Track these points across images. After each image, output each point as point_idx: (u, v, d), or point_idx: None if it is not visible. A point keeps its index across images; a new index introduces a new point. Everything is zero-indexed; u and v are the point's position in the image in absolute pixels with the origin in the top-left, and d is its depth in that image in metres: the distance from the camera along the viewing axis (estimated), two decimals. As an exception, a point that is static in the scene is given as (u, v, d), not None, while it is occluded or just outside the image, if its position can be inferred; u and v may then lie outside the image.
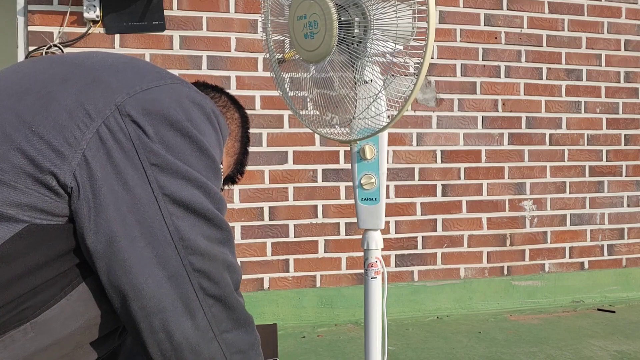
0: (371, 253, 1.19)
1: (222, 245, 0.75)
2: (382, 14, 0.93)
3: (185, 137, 0.72)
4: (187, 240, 0.70)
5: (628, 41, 2.79)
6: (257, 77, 2.35)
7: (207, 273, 0.72)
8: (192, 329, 0.71)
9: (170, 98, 0.73)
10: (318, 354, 2.08)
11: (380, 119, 1.02)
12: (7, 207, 0.63)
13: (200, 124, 0.75)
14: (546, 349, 2.13)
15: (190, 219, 0.71)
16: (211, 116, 0.78)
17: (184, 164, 0.71)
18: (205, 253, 0.72)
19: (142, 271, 0.67)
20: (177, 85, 0.77)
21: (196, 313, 0.72)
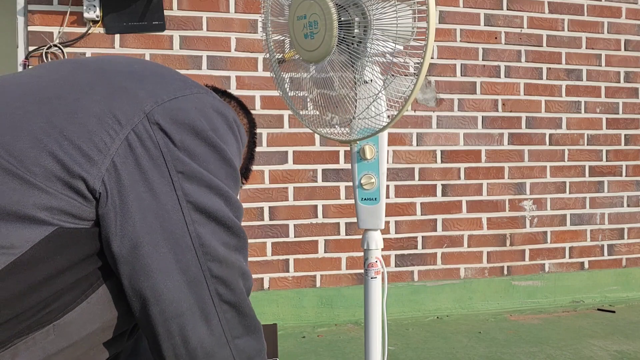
0: (371, 253, 1.19)
1: (238, 252, 0.77)
2: (382, 14, 0.93)
3: (209, 146, 0.74)
4: (207, 246, 0.72)
5: (628, 41, 2.79)
6: (257, 77, 2.35)
7: (224, 279, 0.74)
8: (207, 334, 0.73)
9: (196, 108, 0.75)
10: (318, 354, 2.08)
11: (380, 119, 1.02)
12: (38, 210, 0.64)
13: (224, 134, 0.77)
14: (546, 349, 2.13)
15: (211, 226, 0.73)
16: (233, 125, 0.80)
17: (207, 172, 0.73)
18: (223, 260, 0.74)
19: (164, 276, 0.69)
20: (202, 95, 0.78)
21: (211, 318, 0.74)
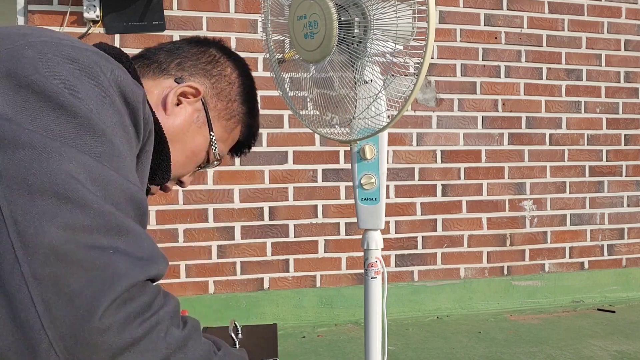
0: (371, 253, 1.19)
1: (102, 235, 0.52)
2: (382, 14, 0.94)
3: (33, 93, 0.54)
4: (26, 234, 0.50)
5: (628, 41, 2.79)
6: (257, 77, 2.33)
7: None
8: None
9: (34, 55, 0.58)
10: (318, 354, 2.08)
11: (380, 119, 1.02)
12: None
13: (68, 77, 0.58)
14: (546, 349, 2.13)
15: (36, 202, 0.50)
16: (92, 69, 0.60)
17: (24, 127, 0.52)
18: (61, 253, 0.50)
19: None
20: (57, 44, 0.60)
21: None
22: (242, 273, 2.35)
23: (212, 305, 2.31)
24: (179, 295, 2.29)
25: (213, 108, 0.83)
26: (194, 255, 2.30)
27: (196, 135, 0.81)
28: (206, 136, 0.82)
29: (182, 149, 0.80)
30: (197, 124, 0.81)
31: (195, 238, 2.30)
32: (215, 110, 0.83)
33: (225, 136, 0.87)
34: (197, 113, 0.81)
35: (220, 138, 0.85)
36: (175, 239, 2.28)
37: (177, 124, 0.79)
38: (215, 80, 0.84)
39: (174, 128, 0.78)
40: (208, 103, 0.82)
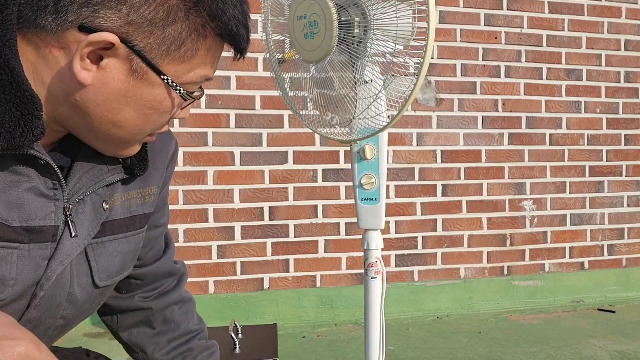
0: (371, 253, 1.19)
1: None
2: (382, 14, 0.94)
3: None
4: None
5: (628, 41, 2.79)
6: (257, 77, 2.35)
7: None
8: None
9: None
10: (318, 354, 2.08)
11: (380, 119, 1.02)
12: None
13: None
14: (546, 349, 2.13)
15: None
16: None
17: None
18: None
19: None
20: None
21: None
22: (242, 273, 2.35)
23: (212, 305, 2.31)
24: (179, 295, 2.29)
25: (148, 46, 0.58)
26: (194, 255, 2.30)
27: (143, 89, 0.60)
28: (157, 82, 0.60)
29: (133, 111, 0.62)
30: (137, 75, 0.59)
31: (195, 238, 2.30)
32: (152, 47, 0.58)
33: (186, 67, 0.62)
34: (129, 62, 0.58)
35: (179, 73, 0.61)
36: (175, 239, 2.28)
37: (109, 91, 0.59)
38: (132, 3, 0.56)
39: (106, 97, 0.59)
40: (136, 43, 0.57)
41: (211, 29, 0.60)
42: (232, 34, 0.62)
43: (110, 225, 0.72)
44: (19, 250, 0.61)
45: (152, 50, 0.58)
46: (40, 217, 0.62)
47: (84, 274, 0.70)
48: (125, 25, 0.56)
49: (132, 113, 0.62)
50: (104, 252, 0.71)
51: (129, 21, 0.56)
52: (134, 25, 0.56)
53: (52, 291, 0.66)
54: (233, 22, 0.61)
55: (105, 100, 0.59)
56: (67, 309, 0.70)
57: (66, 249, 0.65)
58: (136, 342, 0.92)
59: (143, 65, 0.58)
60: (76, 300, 0.70)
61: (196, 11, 0.59)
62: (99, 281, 0.71)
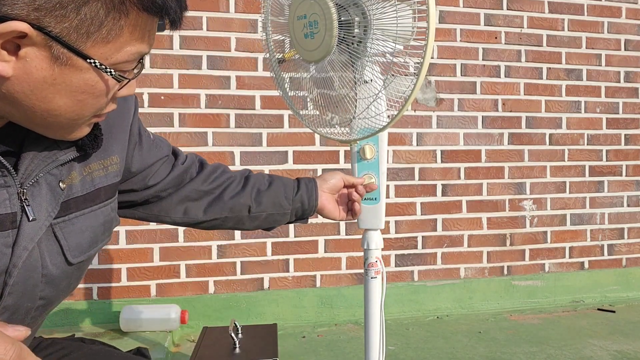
0: (371, 253, 1.19)
1: None
2: (382, 13, 0.94)
3: None
4: None
5: (628, 41, 2.79)
6: (257, 77, 2.35)
7: None
8: None
9: None
10: (318, 354, 2.08)
11: (380, 119, 1.02)
12: None
13: None
14: (546, 349, 2.13)
15: None
16: None
17: None
18: None
19: None
20: None
21: None
22: (242, 273, 2.35)
23: (212, 305, 2.31)
24: (178, 295, 2.29)
25: (64, 30, 0.53)
26: (194, 255, 2.30)
27: (71, 75, 0.57)
28: (85, 66, 0.56)
29: (66, 98, 0.58)
30: (61, 61, 0.55)
31: (195, 238, 2.30)
32: (70, 31, 0.54)
33: (114, 47, 0.57)
34: (49, 49, 0.54)
35: (108, 54, 0.57)
36: (175, 238, 2.28)
37: (34, 80, 0.55)
38: None
39: (33, 86, 0.56)
40: (50, 28, 0.53)
41: (132, 4, 0.55)
42: (157, 6, 0.57)
43: (74, 202, 0.72)
44: None
45: (70, 34, 0.53)
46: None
47: (55, 253, 0.70)
48: (34, 12, 0.51)
49: (65, 100, 0.58)
50: (72, 230, 0.71)
51: (36, 7, 0.51)
52: (43, 10, 0.51)
53: (23, 276, 0.66)
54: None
55: (33, 90, 0.56)
56: (45, 289, 0.70)
57: (27, 233, 0.65)
58: (217, 213, 1.00)
59: (65, 50, 0.54)
60: (53, 279, 0.70)
61: None
62: (71, 258, 0.72)
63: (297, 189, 1.07)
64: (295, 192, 1.07)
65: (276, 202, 1.05)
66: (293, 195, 1.06)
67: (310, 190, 1.07)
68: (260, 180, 1.05)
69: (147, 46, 0.61)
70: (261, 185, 1.04)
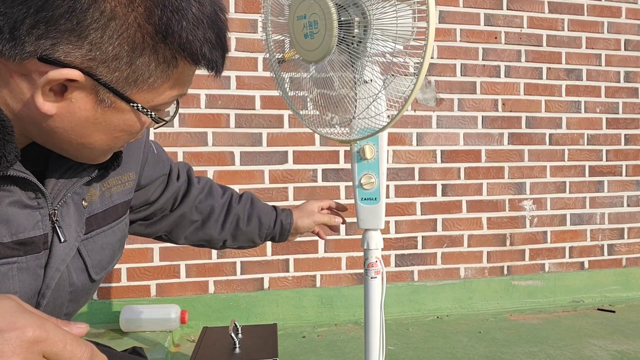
0: (371, 253, 1.19)
1: None
2: (382, 13, 0.94)
3: None
4: None
5: (628, 41, 2.79)
6: (257, 77, 2.35)
7: None
8: None
9: None
10: (318, 354, 2.08)
11: (380, 119, 1.02)
12: None
13: None
14: (546, 348, 2.13)
15: None
16: None
17: None
18: None
19: None
20: None
21: None
22: (242, 273, 2.35)
23: (212, 305, 2.31)
24: (178, 295, 2.29)
25: (114, 79, 0.55)
26: (194, 255, 2.30)
27: (112, 116, 0.59)
28: (127, 109, 0.59)
29: (103, 135, 0.61)
30: (105, 104, 0.57)
31: (195, 238, 2.30)
32: (119, 80, 0.56)
33: (157, 92, 0.59)
34: (95, 93, 0.56)
35: (150, 98, 0.59)
36: (175, 239, 2.28)
37: (76, 119, 0.57)
38: (92, 40, 0.52)
39: (74, 124, 0.58)
40: (102, 77, 0.54)
41: (182, 57, 0.58)
42: (206, 60, 0.59)
43: (94, 219, 0.73)
44: (18, 264, 0.61)
45: (119, 82, 0.56)
46: (29, 228, 0.62)
47: (80, 271, 0.71)
48: (89, 61, 0.53)
49: (102, 136, 0.61)
50: (94, 247, 0.73)
51: (91, 57, 0.53)
52: (97, 60, 0.53)
53: (54, 295, 0.67)
54: (206, 47, 0.58)
55: (74, 127, 0.58)
56: (69, 306, 0.72)
57: (59, 255, 0.66)
58: (195, 240, 1.09)
59: (111, 95, 0.56)
60: (76, 296, 0.72)
61: (165, 44, 0.55)
62: (94, 275, 0.73)
63: (273, 226, 1.17)
64: (270, 229, 1.17)
65: (250, 238, 1.15)
66: (267, 232, 1.17)
67: (284, 228, 1.19)
68: (241, 214, 1.13)
69: (186, 90, 0.64)
70: (240, 221, 1.12)
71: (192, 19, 0.56)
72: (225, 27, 0.62)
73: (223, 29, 0.61)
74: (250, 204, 1.15)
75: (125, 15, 0.52)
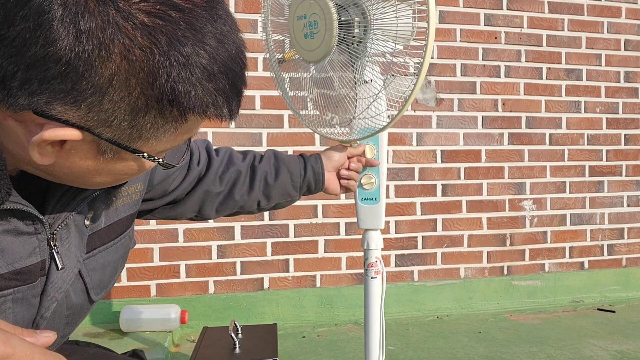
0: (371, 253, 1.19)
1: None
2: (382, 13, 0.94)
3: None
4: None
5: (628, 41, 2.79)
6: (257, 77, 2.35)
7: None
8: None
9: None
10: (318, 354, 2.08)
11: (380, 119, 1.02)
12: None
13: None
14: (546, 348, 2.13)
15: None
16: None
17: None
18: None
19: None
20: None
21: None
22: (242, 273, 2.35)
23: (212, 305, 2.31)
24: (178, 295, 2.29)
25: (116, 135, 0.51)
26: (194, 255, 2.30)
27: (115, 164, 0.55)
28: (132, 157, 0.55)
29: (106, 178, 0.58)
30: (107, 155, 0.53)
31: (195, 238, 2.30)
32: (122, 135, 0.51)
33: (164, 142, 0.54)
34: (96, 145, 0.52)
35: (156, 147, 0.54)
36: (175, 238, 2.28)
37: (77, 167, 0.54)
38: (90, 104, 0.48)
39: (74, 171, 0.54)
40: (103, 134, 0.50)
41: (192, 115, 0.51)
42: (218, 113, 0.53)
43: (97, 236, 0.69)
44: (13, 295, 0.58)
45: (122, 138, 0.51)
46: (25, 256, 0.58)
47: (80, 292, 0.67)
48: (87, 121, 0.48)
49: (105, 179, 0.57)
50: (95, 266, 0.69)
51: (89, 119, 0.48)
52: (97, 121, 0.49)
53: (49, 324, 0.63)
54: (220, 100, 0.52)
55: (75, 173, 0.54)
56: (65, 329, 0.68)
57: (56, 283, 0.62)
58: (228, 210, 1.03)
59: (113, 147, 0.52)
60: (73, 319, 0.69)
61: (172, 106, 0.49)
62: (94, 296, 0.70)
63: (304, 172, 1.08)
64: (303, 176, 1.08)
65: (285, 192, 1.07)
66: (300, 180, 1.08)
67: (317, 171, 1.09)
68: (268, 169, 1.05)
69: (195, 133, 0.59)
70: (268, 176, 1.05)
71: (201, 73, 0.49)
72: (243, 68, 0.54)
73: (239, 74, 0.54)
74: (275, 158, 1.07)
75: (127, 80, 0.47)
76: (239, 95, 0.55)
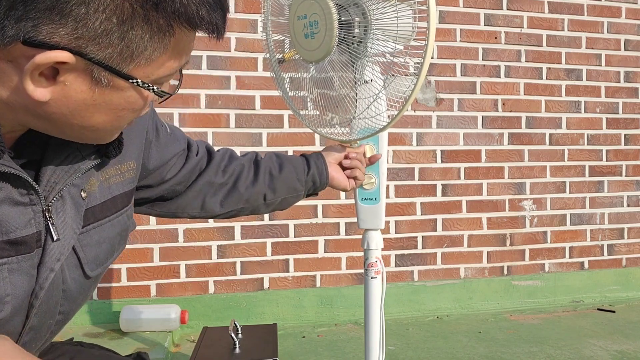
0: (371, 253, 1.19)
1: None
2: (382, 14, 0.94)
3: None
4: None
5: (628, 41, 2.79)
6: (257, 77, 2.35)
7: None
8: None
9: None
10: (318, 354, 2.08)
11: (380, 119, 1.02)
12: None
13: None
14: (546, 348, 2.13)
15: None
16: None
17: None
18: None
19: None
20: None
21: None
22: (242, 273, 2.35)
23: (212, 305, 2.31)
24: (178, 295, 2.29)
25: (107, 56, 0.52)
26: (194, 255, 2.30)
27: (111, 95, 0.55)
28: (126, 86, 0.55)
29: (105, 115, 0.58)
30: (102, 84, 0.54)
31: (195, 238, 2.30)
32: (113, 56, 0.52)
33: (156, 65, 0.56)
34: (90, 73, 0.53)
35: (149, 72, 0.56)
36: (175, 239, 2.28)
37: (73, 102, 0.54)
38: (77, 17, 0.49)
39: (71, 108, 0.55)
40: (93, 55, 0.51)
41: (178, 24, 0.53)
42: (205, 22, 0.55)
43: (91, 212, 0.69)
44: (8, 265, 0.58)
45: (113, 59, 0.52)
46: (21, 226, 0.58)
47: (74, 267, 0.67)
48: (76, 40, 0.49)
49: (104, 117, 0.57)
50: (90, 242, 0.69)
51: (78, 35, 0.49)
52: (85, 38, 0.49)
53: (47, 295, 0.64)
54: (203, 9, 0.54)
55: (72, 111, 0.54)
56: (64, 304, 0.68)
57: (53, 254, 0.62)
58: (233, 205, 1.01)
59: (107, 73, 0.53)
60: (71, 294, 0.69)
61: (157, 12, 0.51)
62: (89, 272, 0.70)
63: (308, 168, 1.08)
64: (307, 171, 1.08)
65: (290, 186, 1.06)
66: (305, 175, 1.08)
67: (320, 167, 1.09)
68: (271, 164, 1.05)
69: (186, 59, 0.60)
70: (273, 169, 1.05)
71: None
72: None
73: None
74: (277, 156, 1.08)
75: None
76: (223, 10, 0.57)
